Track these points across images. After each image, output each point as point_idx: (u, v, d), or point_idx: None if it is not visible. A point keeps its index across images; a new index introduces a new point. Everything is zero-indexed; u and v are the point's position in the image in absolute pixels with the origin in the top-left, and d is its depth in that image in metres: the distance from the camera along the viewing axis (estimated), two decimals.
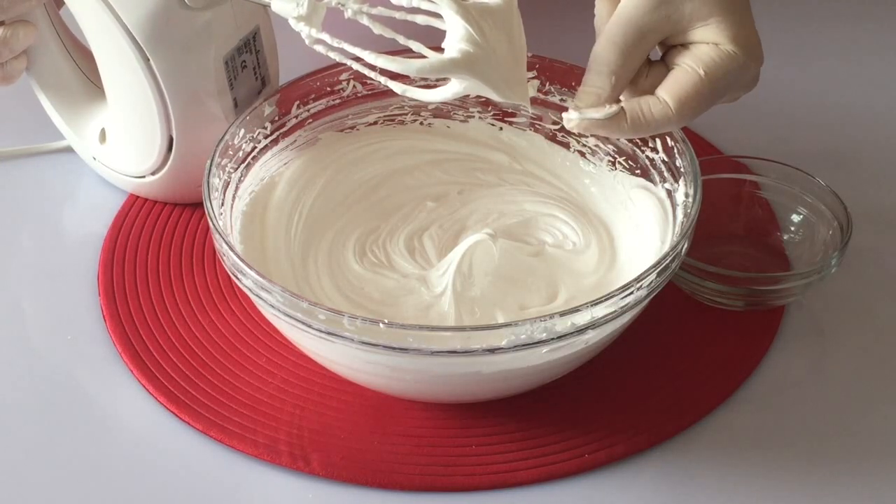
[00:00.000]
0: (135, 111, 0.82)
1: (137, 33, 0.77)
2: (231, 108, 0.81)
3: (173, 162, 0.83)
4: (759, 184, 0.83)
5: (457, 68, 0.65)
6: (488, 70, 0.65)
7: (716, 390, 0.75)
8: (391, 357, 0.66)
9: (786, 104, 0.98)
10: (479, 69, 0.65)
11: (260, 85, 0.83)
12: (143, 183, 0.86)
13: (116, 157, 0.86)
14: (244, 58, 0.81)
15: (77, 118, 0.88)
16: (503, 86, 0.66)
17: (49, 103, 0.88)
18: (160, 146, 0.82)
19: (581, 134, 0.76)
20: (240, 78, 0.81)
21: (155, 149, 0.83)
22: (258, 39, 0.81)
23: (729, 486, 0.71)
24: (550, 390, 0.74)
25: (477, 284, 0.75)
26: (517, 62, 0.68)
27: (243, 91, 0.82)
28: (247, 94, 0.82)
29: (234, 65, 0.80)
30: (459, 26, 0.64)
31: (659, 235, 0.76)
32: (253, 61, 0.82)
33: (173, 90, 0.79)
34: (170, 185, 0.85)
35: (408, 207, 0.81)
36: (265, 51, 0.82)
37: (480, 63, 0.65)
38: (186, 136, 0.82)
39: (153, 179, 0.85)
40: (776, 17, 1.08)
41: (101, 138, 0.87)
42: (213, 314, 0.79)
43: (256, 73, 0.82)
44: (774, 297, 0.78)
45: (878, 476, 0.72)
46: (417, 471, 0.71)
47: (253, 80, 0.82)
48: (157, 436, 0.73)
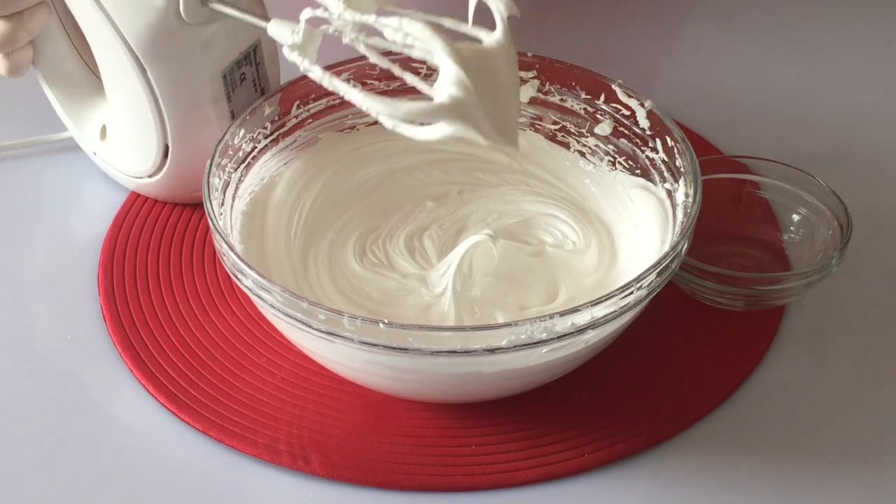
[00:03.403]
0: (132, 115, 0.82)
1: (135, 45, 0.77)
2: (228, 119, 0.81)
3: (169, 168, 0.83)
4: (759, 184, 0.83)
5: (445, 114, 0.63)
6: (478, 117, 0.64)
7: (716, 390, 0.75)
8: (391, 357, 0.66)
9: (786, 104, 0.98)
10: (469, 116, 0.63)
11: (259, 95, 0.83)
12: (141, 183, 0.86)
13: (115, 155, 0.86)
14: (243, 70, 0.81)
15: (80, 112, 0.88)
16: (492, 133, 0.64)
17: (53, 96, 0.88)
18: (156, 152, 0.82)
19: (581, 133, 0.76)
20: (238, 90, 0.81)
21: (151, 154, 0.83)
22: (259, 52, 0.81)
23: (729, 486, 0.71)
24: (550, 390, 0.74)
25: (477, 284, 0.75)
26: (508, 107, 0.66)
27: (241, 102, 0.81)
28: (245, 104, 0.81)
29: (232, 77, 0.80)
30: (452, 70, 0.63)
31: (659, 235, 0.76)
32: (252, 73, 0.82)
33: (170, 100, 0.79)
34: (167, 188, 0.85)
35: (408, 207, 0.81)
36: (265, 63, 0.82)
37: (470, 110, 0.63)
38: (182, 144, 0.82)
39: (150, 181, 0.85)
40: (776, 16, 1.09)
41: (101, 134, 0.87)
42: (213, 314, 0.79)
43: (256, 85, 0.82)
44: (774, 297, 0.78)
45: (878, 476, 0.72)
46: (417, 471, 0.71)
47: (252, 91, 0.82)
48: (157, 436, 0.73)
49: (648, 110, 0.79)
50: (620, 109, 0.80)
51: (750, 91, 1.00)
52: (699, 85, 1.00)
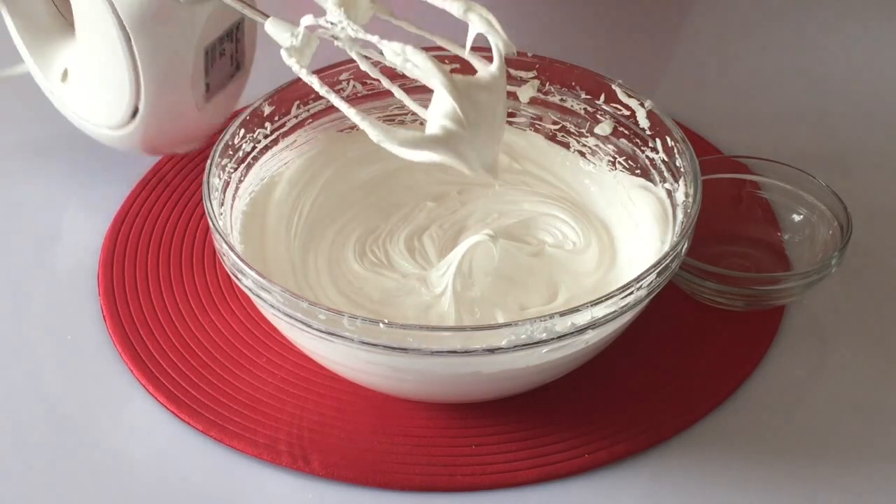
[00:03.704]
0: (103, 72, 0.81)
1: (125, 15, 0.77)
2: (202, 92, 0.81)
3: (134, 127, 0.82)
4: (759, 184, 0.83)
5: (436, 146, 0.66)
6: (466, 151, 0.66)
7: (716, 390, 0.75)
8: (391, 357, 0.66)
9: (786, 104, 0.98)
10: (458, 149, 0.66)
11: (234, 70, 0.83)
12: (99, 133, 0.85)
13: (74, 101, 0.85)
14: (224, 46, 0.81)
15: (42, 50, 0.86)
16: (478, 166, 0.67)
17: (14, 28, 0.86)
18: (124, 112, 0.82)
19: (581, 133, 0.76)
20: (217, 64, 0.81)
21: (118, 112, 0.82)
22: (241, 29, 0.81)
23: (729, 486, 0.71)
24: (551, 390, 0.74)
25: (477, 284, 0.75)
26: (494, 140, 0.68)
27: (218, 76, 0.82)
28: (221, 78, 0.82)
29: (213, 53, 0.80)
30: (447, 102, 0.65)
31: (659, 235, 0.76)
32: (232, 49, 0.82)
33: (148, 68, 0.79)
34: (126, 144, 0.84)
35: (408, 207, 0.81)
36: (245, 39, 0.82)
37: (460, 144, 0.66)
38: (152, 109, 0.81)
39: (109, 133, 0.84)
40: (776, 16, 1.08)
41: (63, 77, 0.86)
42: (213, 314, 0.79)
43: (233, 60, 0.82)
44: (774, 297, 0.78)
45: (878, 476, 0.72)
46: (417, 471, 0.71)
47: (229, 66, 0.82)
48: (157, 436, 0.73)
49: (648, 110, 0.79)
50: (620, 109, 0.80)
51: (750, 91, 0.99)
52: (699, 85, 1.00)
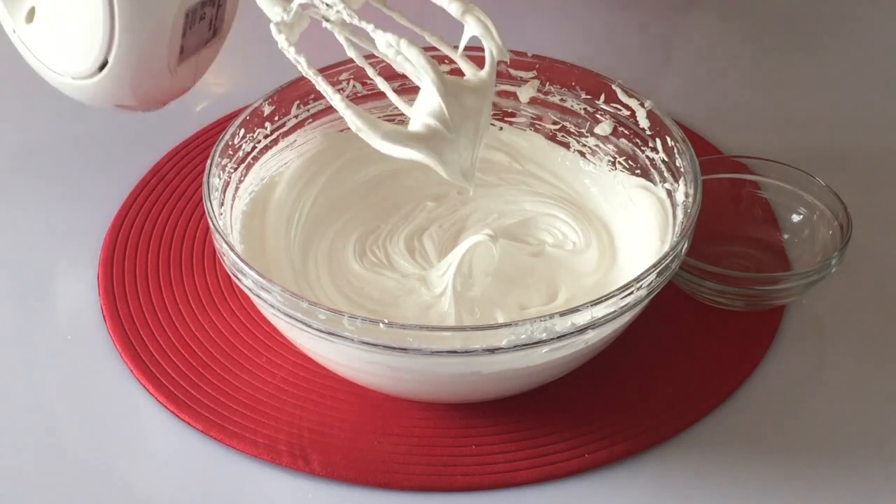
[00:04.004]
0: (76, 21, 0.80)
1: None
2: (176, 54, 0.80)
3: (100, 80, 0.81)
4: (759, 184, 0.83)
5: (417, 144, 0.66)
6: (447, 152, 0.67)
7: (716, 390, 0.75)
8: (391, 357, 0.66)
9: (786, 104, 0.98)
10: (439, 149, 0.66)
11: (210, 36, 0.83)
12: (60, 82, 0.83)
13: (38, 45, 0.83)
14: (205, 10, 0.81)
15: None
16: (456, 170, 0.68)
17: None
18: (91, 64, 0.80)
19: (581, 133, 0.76)
20: (195, 28, 0.81)
21: (85, 63, 0.81)
22: None
23: (729, 486, 0.71)
24: (550, 390, 0.74)
25: (477, 284, 0.75)
26: (474, 145, 0.69)
27: (194, 41, 0.81)
28: (196, 43, 0.81)
29: (194, 16, 0.80)
30: (434, 100, 0.65)
31: (659, 235, 0.76)
32: (212, 14, 0.82)
33: (126, 25, 0.78)
34: (86, 95, 0.83)
35: (408, 207, 0.81)
36: (227, 5, 0.82)
37: (442, 144, 0.66)
38: (122, 65, 0.80)
39: (71, 83, 0.83)
40: (776, 16, 1.09)
41: (28, 17, 0.84)
42: (213, 314, 0.79)
43: (211, 26, 0.82)
44: (774, 297, 0.78)
45: (879, 476, 0.72)
46: (417, 471, 0.71)
47: (206, 31, 0.82)
48: (157, 436, 0.73)
49: (648, 110, 0.79)
50: (620, 109, 0.80)
51: (750, 91, 1.00)
52: (699, 85, 1.00)
